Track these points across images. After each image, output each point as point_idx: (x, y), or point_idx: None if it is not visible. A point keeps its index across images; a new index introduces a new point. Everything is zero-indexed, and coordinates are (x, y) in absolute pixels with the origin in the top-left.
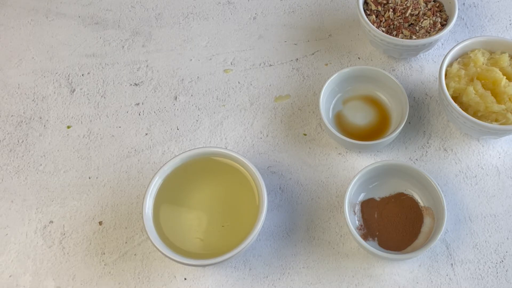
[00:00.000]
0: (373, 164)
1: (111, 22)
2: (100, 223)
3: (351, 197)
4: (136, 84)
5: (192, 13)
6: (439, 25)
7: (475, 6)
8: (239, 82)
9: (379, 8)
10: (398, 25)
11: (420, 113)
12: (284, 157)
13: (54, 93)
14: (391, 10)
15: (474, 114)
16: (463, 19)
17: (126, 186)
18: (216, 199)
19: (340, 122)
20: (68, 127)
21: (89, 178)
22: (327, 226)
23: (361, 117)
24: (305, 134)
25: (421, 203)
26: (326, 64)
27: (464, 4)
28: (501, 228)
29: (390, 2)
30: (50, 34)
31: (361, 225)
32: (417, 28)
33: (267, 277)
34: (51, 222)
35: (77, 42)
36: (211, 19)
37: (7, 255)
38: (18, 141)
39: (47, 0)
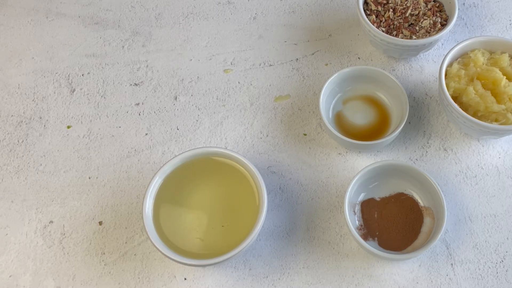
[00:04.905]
0: (373, 164)
1: (111, 22)
2: (100, 223)
3: (351, 197)
4: (136, 84)
5: (192, 13)
6: (439, 25)
7: (475, 6)
8: (239, 82)
9: (379, 8)
10: (398, 25)
11: (420, 113)
12: (284, 157)
13: (54, 93)
14: (391, 10)
15: (474, 114)
16: (463, 19)
17: (126, 186)
18: (216, 199)
19: (340, 122)
20: (68, 127)
21: (89, 178)
22: (327, 226)
23: (361, 117)
24: (305, 134)
25: (421, 203)
26: (326, 64)
27: (464, 4)
28: (501, 228)
29: (390, 2)
30: (50, 34)
31: (361, 225)
32: (417, 28)
33: (267, 277)
34: (51, 222)
35: (77, 42)
36: (211, 19)
37: (7, 255)
38: (18, 141)
39: (47, 0)
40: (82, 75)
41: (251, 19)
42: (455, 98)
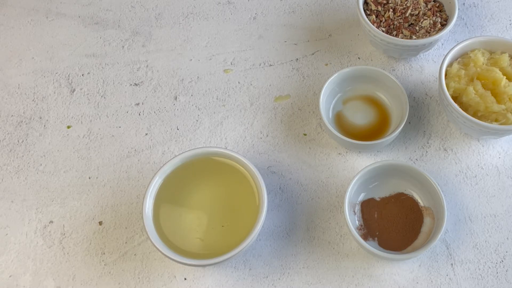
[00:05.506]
0: (373, 164)
1: (111, 22)
2: (100, 223)
3: (351, 197)
4: (136, 84)
5: (192, 13)
6: (439, 25)
7: (475, 6)
8: (239, 82)
9: (379, 8)
10: (398, 25)
11: (420, 113)
12: (284, 157)
13: (54, 93)
14: (391, 10)
15: (474, 114)
16: (463, 19)
17: (126, 186)
18: (216, 199)
19: (340, 122)
20: (68, 127)
21: (89, 178)
22: (327, 226)
23: (361, 117)
24: (305, 134)
25: (421, 203)
26: (326, 64)
27: (464, 4)
28: (501, 228)
29: (390, 2)
30: (50, 34)
31: (361, 225)
32: (417, 28)
33: (267, 277)
34: (51, 222)
35: (77, 42)
36: (211, 19)
37: (7, 255)
38: (18, 141)
39: (47, 0)
40: (82, 75)
41: (251, 19)
42: (455, 98)
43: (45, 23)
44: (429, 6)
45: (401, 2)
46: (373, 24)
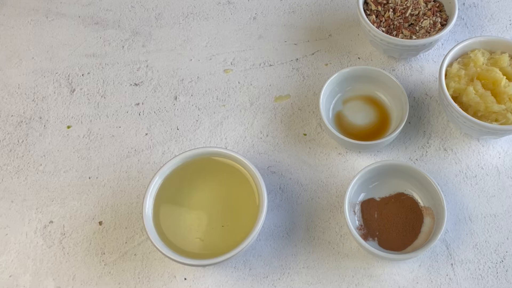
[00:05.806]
0: (373, 164)
1: (111, 22)
2: (100, 223)
3: (351, 197)
4: (136, 84)
5: (192, 13)
6: (439, 25)
7: (475, 6)
8: (239, 82)
9: (379, 8)
10: (398, 25)
11: (420, 113)
12: (284, 157)
13: (54, 93)
14: (391, 10)
15: (474, 114)
16: (463, 19)
17: (126, 186)
18: (216, 199)
19: (340, 122)
20: (68, 127)
21: (89, 178)
22: (327, 226)
23: (361, 117)
24: (305, 134)
25: (421, 203)
26: (326, 64)
27: (464, 4)
28: (501, 228)
29: (390, 2)
30: (50, 34)
31: (361, 225)
32: (417, 28)
33: (267, 277)
34: (51, 222)
35: (77, 42)
36: (211, 19)
37: (7, 255)
38: (18, 141)
39: (47, 0)
40: (82, 75)
41: (251, 19)
42: (455, 98)
43: (45, 23)
44: (429, 6)
45: (401, 2)
46: (373, 24)
